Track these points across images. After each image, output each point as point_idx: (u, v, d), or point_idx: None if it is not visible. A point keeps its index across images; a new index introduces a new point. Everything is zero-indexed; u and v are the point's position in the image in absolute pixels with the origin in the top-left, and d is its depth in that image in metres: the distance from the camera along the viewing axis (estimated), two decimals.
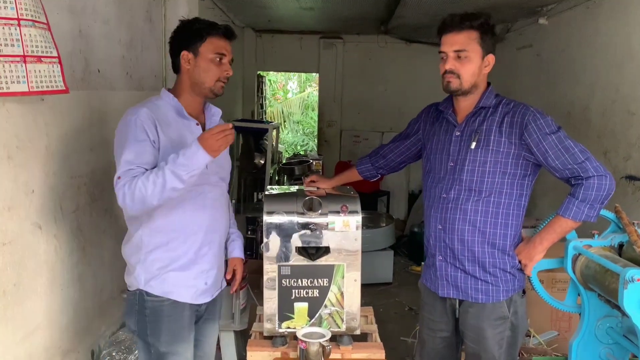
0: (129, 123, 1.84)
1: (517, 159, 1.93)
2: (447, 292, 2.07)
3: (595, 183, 1.82)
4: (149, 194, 1.73)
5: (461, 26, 1.94)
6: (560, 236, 1.94)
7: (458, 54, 1.94)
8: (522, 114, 1.92)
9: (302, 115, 12.90)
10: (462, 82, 1.96)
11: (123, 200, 1.78)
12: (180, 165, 1.72)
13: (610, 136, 4.08)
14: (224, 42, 1.94)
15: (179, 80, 1.98)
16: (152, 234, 1.92)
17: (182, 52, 1.91)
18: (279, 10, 5.80)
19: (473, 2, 4.71)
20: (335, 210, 2.08)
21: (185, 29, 1.95)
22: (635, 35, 3.79)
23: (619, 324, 1.91)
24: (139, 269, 1.94)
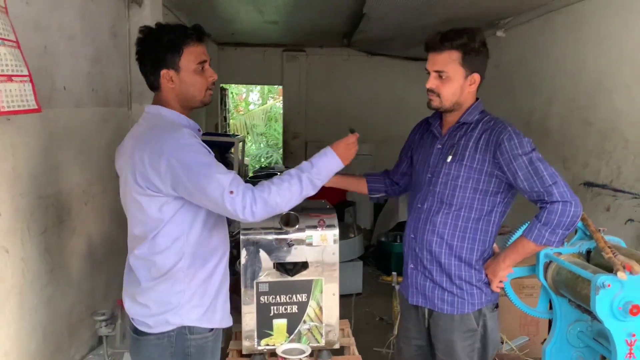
0: (189, 145, 1.65)
1: (489, 176, 1.94)
2: (416, 299, 2.11)
3: (559, 208, 1.80)
4: (284, 201, 1.68)
5: (441, 47, 1.93)
6: (523, 256, 1.95)
7: (439, 74, 1.96)
8: (498, 132, 1.92)
9: (266, 127, 12.89)
10: (442, 100, 1.98)
11: (250, 209, 1.62)
12: (316, 174, 1.74)
13: (569, 145, 4.24)
14: (201, 47, 1.78)
15: (163, 97, 1.79)
16: (195, 261, 1.74)
17: (162, 71, 1.73)
18: (243, 23, 5.80)
19: (433, 16, 4.83)
20: (313, 224, 2.09)
21: (156, 44, 1.74)
22: (589, 48, 3.97)
23: (588, 327, 1.97)
24: (185, 304, 1.73)
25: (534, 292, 3.16)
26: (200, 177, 1.61)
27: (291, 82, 7.88)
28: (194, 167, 1.61)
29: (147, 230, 1.72)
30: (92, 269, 2.78)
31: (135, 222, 1.76)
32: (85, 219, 2.71)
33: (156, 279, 1.74)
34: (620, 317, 1.62)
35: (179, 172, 1.61)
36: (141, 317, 1.76)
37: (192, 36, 1.76)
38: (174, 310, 1.73)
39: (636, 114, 3.42)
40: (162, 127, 1.71)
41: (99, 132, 2.91)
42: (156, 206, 1.68)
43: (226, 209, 1.63)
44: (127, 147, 1.77)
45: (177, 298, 1.73)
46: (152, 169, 1.63)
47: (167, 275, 1.72)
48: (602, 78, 3.80)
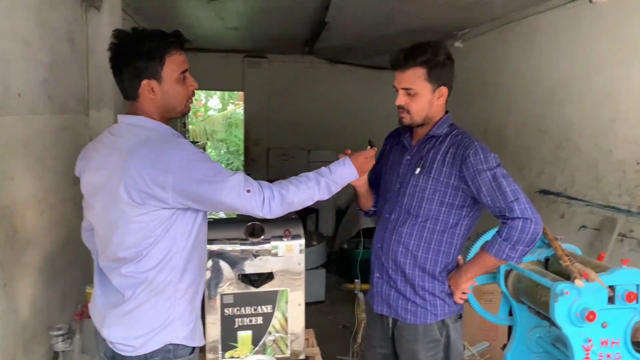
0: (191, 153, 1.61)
1: (455, 189, 1.97)
2: (380, 308, 2.13)
3: (519, 225, 1.82)
4: (301, 201, 1.71)
5: (406, 65, 1.95)
6: (484, 270, 1.98)
7: (407, 91, 1.98)
8: (465, 146, 1.94)
9: (226, 134, 12.77)
10: (412, 117, 2.00)
11: (268, 204, 1.64)
12: (333, 180, 1.79)
13: (524, 153, 4.37)
14: (183, 55, 1.69)
15: (142, 107, 1.69)
16: (185, 275, 1.68)
17: (143, 82, 1.63)
18: (204, 29, 5.75)
19: (394, 26, 4.91)
20: (278, 235, 2.08)
21: (136, 51, 1.63)
22: (543, 60, 4.11)
23: (547, 333, 2.03)
24: (176, 321, 1.67)
25: (493, 297, 3.24)
26: (214, 189, 1.57)
27: (253, 88, 7.84)
28: (204, 180, 1.57)
29: (141, 247, 1.61)
30: (48, 282, 2.69)
31: (121, 241, 1.62)
32: (40, 230, 2.62)
33: (147, 296, 1.64)
34: (577, 323, 1.67)
35: (190, 188, 1.56)
36: (124, 340, 1.65)
37: (175, 44, 1.67)
38: (164, 327, 1.65)
39: (588, 124, 3.56)
40: (160, 140, 1.62)
41: (56, 140, 2.82)
42: (153, 221, 1.60)
43: (245, 209, 1.62)
44: (108, 161, 1.63)
45: (166, 315, 1.65)
46: (157, 185, 1.54)
47: (159, 291, 1.64)
48: (555, 89, 3.94)
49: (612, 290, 1.69)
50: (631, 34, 3.17)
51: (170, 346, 1.65)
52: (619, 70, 3.28)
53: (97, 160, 1.66)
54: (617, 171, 3.29)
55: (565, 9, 3.78)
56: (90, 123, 3.28)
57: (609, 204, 3.35)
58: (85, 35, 3.31)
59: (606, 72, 3.39)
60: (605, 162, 3.39)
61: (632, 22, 3.16)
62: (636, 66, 3.14)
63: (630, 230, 3.15)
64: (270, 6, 4.60)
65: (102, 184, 1.62)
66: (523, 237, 1.83)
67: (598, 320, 1.66)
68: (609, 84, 3.37)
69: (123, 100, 1.86)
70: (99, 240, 1.71)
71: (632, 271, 1.70)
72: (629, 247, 3.15)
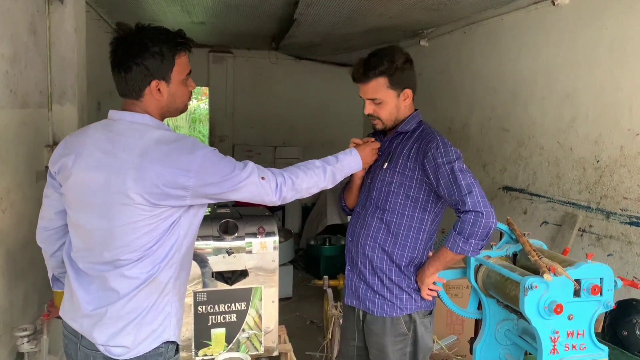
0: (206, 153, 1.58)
1: (419, 184, 2.01)
2: (350, 301, 2.17)
3: (470, 218, 1.85)
4: (308, 187, 1.77)
5: (366, 78, 2.01)
6: (445, 264, 1.99)
7: (372, 101, 2.05)
8: (427, 141, 2.00)
9: (190, 129, 12.60)
10: (383, 122, 2.08)
11: (279, 190, 1.70)
12: (340, 168, 1.86)
13: (488, 151, 4.48)
14: (187, 58, 1.68)
15: (143, 105, 1.64)
16: (181, 272, 1.66)
17: (153, 82, 1.59)
18: (169, 23, 5.62)
19: (361, 24, 4.94)
20: (252, 232, 2.07)
21: (147, 50, 1.58)
22: (507, 60, 4.22)
23: (514, 326, 2.10)
24: (173, 318, 1.63)
25: (459, 292, 3.32)
26: (234, 185, 1.61)
27: (217, 83, 7.75)
28: (225, 178, 1.59)
29: (148, 248, 1.55)
30: (10, 282, 2.60)
31: (128, 243, 1.55)
32: (2, 228, 2.53)
33: (149, 295, 1.59)
34: (545, 315, 1.73)
35: (212, 188, 1.58)
36: (116, 342, 1.58)
37: (184, 45, 1.65)
38: (164, 326, 1.62)
39: (549, 123, 3.68)
40: (175, 140, 1.58)
41: (18, 135, 2.73)
42: (163, 221, 1.56)
43: (262, 197, 1.68)
44: (112, 161, 1.55)
45: (166, 312, 1.62)
46: (177, 186, 1.52)
47: (161, 289, 1.60)
48: (518, 89, 4.05)
49: (578, 283, 1.76)
50: (592, 36, 3.29)
51: (163, 346, 1.61)
52: (580, 71, 3.40)
53: (94, 159, 1.58)
54: (577, 168, 3.41)
55: (528, 11, 3.88)
56: (53, 118, 3.19)
57: (570, 200, 3.47)
58: (47, 27, 3.21)
59: (567, 73, 3.51)
60: (566, 159, 3.51)
61: (593, 24, 3.28)
62: (596, 67, 3.26)
63: (590, 226, 3.28)
64: (238, 2, 4.56)
65: (103, 184, 1.54)
66: (475, 231, 1.85)
67: (565, 312, 1.73)
68: (570, 85, 3.49)
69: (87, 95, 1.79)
70: (85, 242, 1.62)
71: (597, 265, 1.77)
72: (588, 242, 3.27)
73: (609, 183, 3.15)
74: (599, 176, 3.22)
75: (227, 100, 7.76)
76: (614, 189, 3.11)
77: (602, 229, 3.19)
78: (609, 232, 3.14)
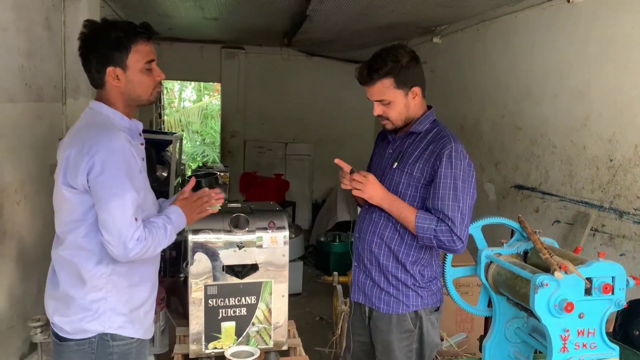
0: (121, 153, 1.64)
1: (427, 186, 2.01)
2: (357, 297, 2.18)
3: (450, 238, 1.94)
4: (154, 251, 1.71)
5: (371, 80, 1.99)
6: (397, 215, 2.00)
7: (380, 102, 2.02)
8: (442, 145, 1.98)
9: (202, 125, 12.64)
10: (393, 122, 2.06)
11: (137, 250, 1.63)
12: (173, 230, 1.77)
13: (500, 149, 4.45)
14: (149, 46, 1.76)
15: (107, 94, 1.75)
16: (117, 273, 1.72)
17: (107, 69, 1.70)
18: (182, 19, 5.67)
19: (373, 21, 4.93)
20: (263, 226, 2.08)
21: (103, 40, 1.69)
22: (520, 58, 4.18)
23: (524, 324, 2.08)
24: (105, 310, 1.71)
25: (469, 289, 3.31)
26: (116, 191, 1.60)
27: (230, 79, 7.77)
28: (114, 177, 1.61)
29: (71, 228, 1.68)
30: (24, 273, 2.64)
31: (59, 219, 1.72)
32: (17, 220, 2.57)
33: (76, 283, 1.69)
34: (556, 313, 1.72)
35: (97, 177, 1.60)
36: (60, 323, 1.72)
37: (141, 34, 1.73)
38: (93, 317, 1.69)
39: (562, 121, 3.65)
40: (98, 126, 1.68)
41: (33, 129, 2.77)
42: (82, 204, 1.65)
43: (119, 232, 1.60)
44: (64, 141, 1.73)
45: (97, 305, 1.69)
46: (77, 166, 1.61)
47: (88, 279, 1.68)
48: (531, 87, 4.02)
49: (589, 282, 1.74)
50: (606, 32, 3.26)
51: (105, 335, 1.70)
52: (593, 69, 3.36)
53: (62, 142, 1.75)
54: (590, 167, 3.38)
55: (542, 8, 3.85)
56: (67, 112, 3.23)
57: (582, 199, 3.44)
58: (62, 22, 3.25)
59: (581, 70, 3.47)
60: (579, 158, 3.48)
61: (607, 21, 3.25)
62: (610, 64, 3.22)
63: (602, 225, 3.25)
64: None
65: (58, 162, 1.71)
66: (443, 244, 1.95)
67: (575, 311, 1.71)
68: (583, 82, 3.45)
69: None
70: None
71: (608, 264, 1.75)
72: (600, 241, 3.25)
73: (623, 182, 3.12)
74: (613, 175, 3.19)
75: (238, 97, 7.78)
76: (628, 188, 3.08)
77: (614, 228, 3.16)
78: (621, 232, 3.11)
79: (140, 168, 1.73)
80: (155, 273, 1.87)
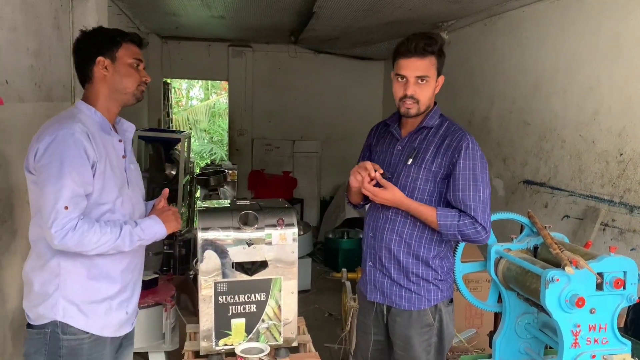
0: (65, 140, 1.67)
1: (445, 179, 2.02)
2: (374, 296, 2.16)
3: (476, 229, 1.95)
4: (95, 247, 1.68)
5: (424, 53, 1.94)
6: (419, 215, 2.00)
7: (419, 79, 1.97)
8: (458, 139, 1.99)
9: (210, 123, 12.67)
10: (420, 106, 2.01)
11: (63, 238, 1.62)
12: (138, 232, 1.77)
13: (508, 144, 4.43)
14: (138, 49, 1.89)
15: (93, 90, 1.84)
16: (74, 261, 1.74)
17: (98, 58, 1.80)
18: (189, 17, 5.68)
19: (380, 17, 4.92)
20: (272, 223, 2.08)
21: (96, 35, 1.84)
22: (528, 53, 4.16)
23: (535, 319, 2.08)
24: (58, 297, 1.73)
25: (479, 285, 3.30)
26: (51, 176, 1.64)
27: (237, 78, 7.79)
28: (52, 163, 1.65)
29: (35, 212, 1.75)
30: None
31: (30, 204, 1.79)
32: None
33: (35, 267, 1.76)
34: (566, 309, 1.71)
35: (38, 162, 1.66)
36: (26, 308, 1.78)
37: (132, 37, 1.88)
38: (47, 303, 1.72)
39: (571, 116, 3.63)
40: (60, 117, 1.77)
41: None
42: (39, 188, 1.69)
43: (47, 216, 1.62)
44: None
45: (51, 290, 1.73)
46: (29, 151, 1.72)
47: (45, 264, 1.73)
48: (539, 82, 3.99)
49: (601, 277, 1.73)
50: (616, 27, 3.23)
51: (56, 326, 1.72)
52: (603, 63, 3.34)
53: None
54: (600, 162, 3.36)
55: (551, 2, 3.82)
56: None
57: (592, 194, 3.42)
58: (70, 22, 3.26)
59: (590, 65, 3.45)
60: (589, 153, 3.45)
61: (617, 15, 3.22)
62: (619, 60, 3.20)
63: (612, 220, 3.23)
64: None
65: None
66: (468, 236, 1.96)
67: (587, 306, 1.71)
68: (592, 77, 3.43)
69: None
70: None
71: (620, 259, 1.74)
72: (611, 236, 3.23)
73: (633, 176, 3.09)
74: (623, 169, 3.17)
75: (246, 95, 7.80)
76: (638, 182, 3.06)
77: (625, 223, 3.14)
78: (632, 226, 3.09)
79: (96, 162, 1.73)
80: (122, 272, 1.86)
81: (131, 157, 1.98)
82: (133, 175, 1.95)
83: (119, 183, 1.83)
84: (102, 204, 1.76)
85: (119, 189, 1.83)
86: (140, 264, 2.01)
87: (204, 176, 5.35)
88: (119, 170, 1.85)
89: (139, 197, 1.99)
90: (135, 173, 1.98)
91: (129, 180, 1.91)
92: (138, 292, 2.01)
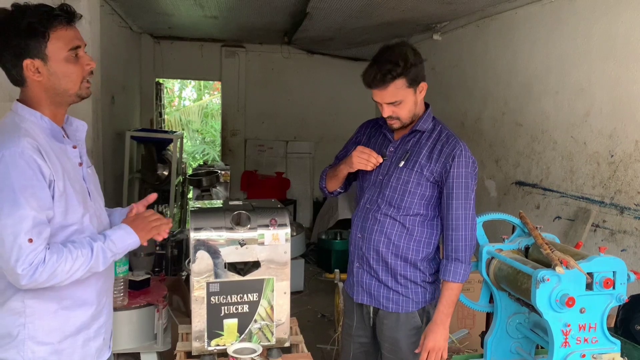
0: (13, 161, 1.40)
1: (435, 184, 2.04)
2: (361, 298, 2.16)
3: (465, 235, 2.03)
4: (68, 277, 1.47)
5: (384, 83, 1.93)
6: (454, 305, 2.04)
7: (392, 103, 1.98)
8: (452, 146, 2.00)
9: (202, 124, 12.64)
10: (402, 121, 2.03)
11: (32, 276, 1.40)
12: (108, 250, 1.55)
13: (501, 145, 4.46)
14: (71, 31, 1.52)
15: (29, 93, 1.53)
16: (41, 298, 1.52)
17: (24, 62, 1.47)
18: (182, 17, 5.67)
19: (374, 18, 4.93)
20: (264, 224, 2.08)
21: (13, 29, 1.45)
22: (520, 54, 4.18)
23: (526, 319, 2.09)
24: (25, 339, 1.50)
25: (471, 286, 3.31)
26: (4, 207, 1.39)
27: (230, 78, 7.78)
28: (4, 192, 1.39)
29: None
30: None
31: None
32: None
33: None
34: (557, 308, 1.72)
35: None
36: None
37: (60, 18, 1.49)
38: (11, 346, 1.50)
39: (563, 117, 3.65)
40: (4, 131, 1.48)
41: None
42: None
43: (7, 255, 1.38)
44: None
45: (15, 331, 1.50)
46: None
47: (4, 303, 1.49)
48: (531, 83, 4.02)
49: (591, 277, 1.74)
50: (607, 29, 3.26)
51: None
52: (594, 65, 3.36)
53: None
54: (591, 163, 3.38)
55: (543, 4, 3.85)
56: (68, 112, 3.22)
57: (583, 195, 3.44)
58: None
59: (582, 66, 3.48)
60: (580, 154, 3.48)
61: (608, 17, 3.25)
62: (611, 60, 3.22)
63: (603, 221, 3.25)
64: None
65: None
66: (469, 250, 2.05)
67: (577, 305, 1.71)
68: (584, 78, 3.45)
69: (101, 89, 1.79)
70: None
71: (609, 259, 1.76)
72: (602, 237, 3.25)
73: (624, 178, 3.12)
74: (613, 171, 3.19)
75: (239, 95, 7.79)
76: (629, 183, 3.08)
77: (615, 224, 3.16)
78: (622, 227, 3.11)
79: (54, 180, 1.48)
80: (98, 294, 1.66)
81: (86, 160, 1.72)
82: (92, 183, 1.71)
83: (81, 198, 1.59)
84: (67, 225, 1.53)
85: (83, 204, 1.59)
86: (111, 282, 1.84)
87: (196, 177, 5.34)
88: (78, 183, 1.60)
89: (101, 205, 1.75)
90: (92, 178, 1.73)
91: (90, 190, 1.67)
92: (111, 313, 1.83)
